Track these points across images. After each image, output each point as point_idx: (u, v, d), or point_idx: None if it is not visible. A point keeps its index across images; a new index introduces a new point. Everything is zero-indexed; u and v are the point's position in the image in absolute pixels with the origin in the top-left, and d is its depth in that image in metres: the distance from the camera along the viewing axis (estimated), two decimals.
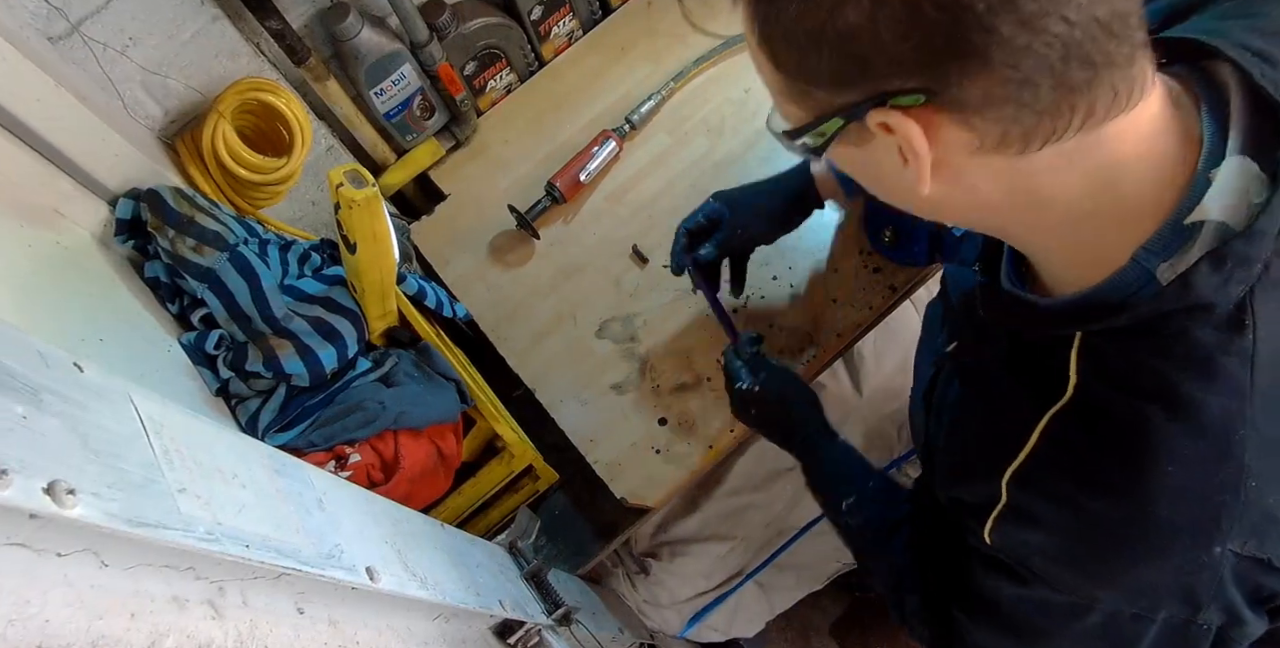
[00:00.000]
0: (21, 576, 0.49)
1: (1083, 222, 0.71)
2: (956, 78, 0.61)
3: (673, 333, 1.59)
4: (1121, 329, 0.72)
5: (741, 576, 2.00)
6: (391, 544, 0.93)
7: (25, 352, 0.55)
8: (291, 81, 1.50)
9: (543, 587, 1.31)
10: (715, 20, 1.80)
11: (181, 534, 0.57)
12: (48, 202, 1.19)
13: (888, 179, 0.76)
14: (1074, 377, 0.76)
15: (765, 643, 2.35)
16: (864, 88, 0.65)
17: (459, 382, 1.45)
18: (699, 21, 1.81)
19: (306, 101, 1.51)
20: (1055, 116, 0.63)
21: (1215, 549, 0.72)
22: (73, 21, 1.19)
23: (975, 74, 0.60)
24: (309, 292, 1.33)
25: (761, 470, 1.89)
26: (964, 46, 0.59)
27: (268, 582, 0.72)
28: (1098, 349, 0.74)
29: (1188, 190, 0.67)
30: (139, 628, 0.57)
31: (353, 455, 1.31)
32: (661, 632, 2.00)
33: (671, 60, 1.79)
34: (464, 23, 1.62)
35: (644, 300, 1.62)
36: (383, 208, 1.18)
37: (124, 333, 1.18)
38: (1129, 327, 0.71)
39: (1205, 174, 0.67)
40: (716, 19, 1.80)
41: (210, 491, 0.65)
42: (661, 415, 1.54)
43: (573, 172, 1.68)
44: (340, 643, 0.80)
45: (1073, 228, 0.72)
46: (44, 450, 0.50)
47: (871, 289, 1.56)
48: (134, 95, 1.32)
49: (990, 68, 0.60)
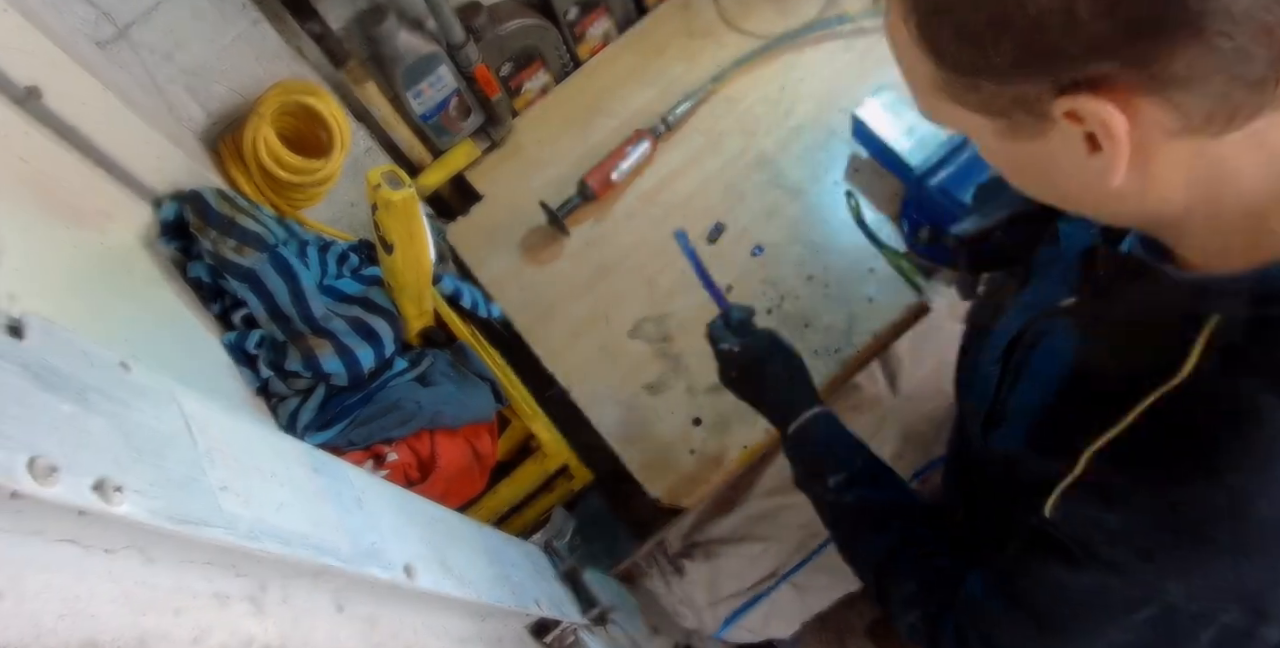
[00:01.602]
0: (71, 571, 0.50)
1: (1258, 211, 0.67)
2: (1166, 51, 0.56)
3: None
4: (1269, 319, 0.68)
5: (776, 577, 1.99)
6: (429, 543, 0.94)
7: (72, 351, 0.56)
8: (331, 84, 1.51)
9: (578, 586, 1.32)
10: (750, 19, 1.80)
11: (223, 532, 0.58)
12: (93, 204, 1.20)
13: (1065, 174, 0.71)
14: (1195, 359, 0.71)
15: (800, 645, 2.35)
16: (1054, 75, 0.61)
17: (494, 381, 1.46)
18: (735, 21, 1.81)
19: (345, 103, 1.53)
20: (1263, 89, 0.58)
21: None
22: (120, 26, 1.21)
23: (1187, 45, 0.55)
24: (347, 292, 1.34)
25: None
26: (1177, 15, 0.54)
27: (308, 579, 0.73)
28: (1233, 335, 0.70)
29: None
30: (183, 624, 0.58)
31: (390, 455, 1.32)
32: (698, 632, 2.00)
33: (707, 60, 1.79)
34: (500, 24, 1.63)
35: (678, 300, 1.62)
36: (419, 209, 1.19)
37: (167, 333, 1.20)
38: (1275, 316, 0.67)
39: None
40: (752, 18, 1.80)
41: (251, 489, 0.65)
42: (696, 416, 1.54)
43: (605, 170, 1.68)
44: (378, 641, 0.81)
45: (1245, 217, 0.68)
46: (91, 448, 0.51)
47: (907, 289, 1.55)
48: (178, 98, 1.34)
49: (1204, 37, 0.54)
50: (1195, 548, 0.74)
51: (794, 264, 1.58)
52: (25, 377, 0.50)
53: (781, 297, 1.58)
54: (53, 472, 0.46)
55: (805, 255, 1.59)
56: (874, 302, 1.55)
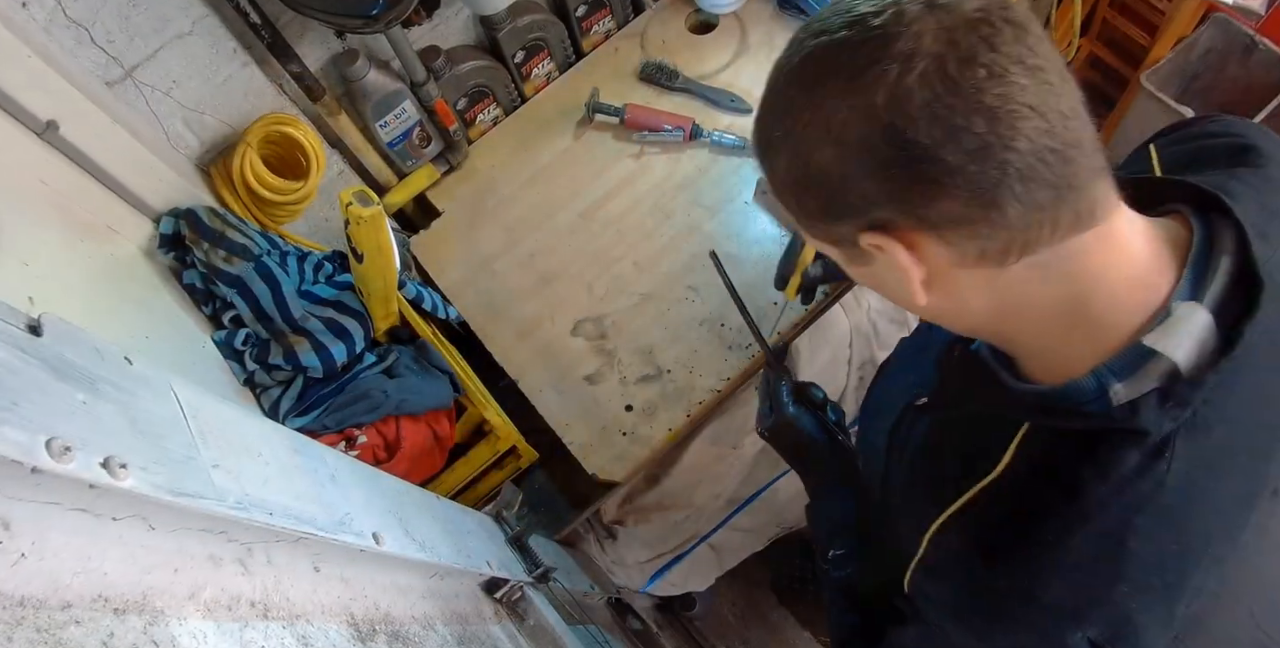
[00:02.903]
0: (84, 536, 0.51)
1: (1057, 331, 0.69)
2: (922, 202, 0.61)
3: (637, 331, 1.61)
4: (1067, 431, 0.70)
5: (695, 539, 2.01)
6: (394, 513, 0.95)
7: (84, 347, 0.57)
8: (308, 116, 1.50)
9: (524, 550, 1.32)
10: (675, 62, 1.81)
11: (215, 503, 0.59)
12: (103, 220, 1.20)
13: (892, 291, 0.74)
14: (1008, 458, 0.74)
15: (715, 595, 2.38)
16: (851, 218, 0.65)
17: (452, 374, 1.46)
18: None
19: (321, 133, 1.52)
20: (1024, 231, 0.61)
21: (1078, 634, 0.71)
22: (127, 68, 1.21)
23: (937, 198, 0.60)
24: (322, 296, 1.34)
25: (714, 450, 1.91)
26: (919, 175, 0.59)
27: (289, 544, 0.73)
28: (1037, 441, 0.73)
29: (1155, 321, 0.65)
30: (181, 581, 0.58)
31: (360, 437, 1.32)
32: (627, 587, 2.02)
33: (637, 98, 1.80)
34: (457, 65, 1.63)
35: (612, 303, 1.63)
36: (386, 224, 1.19)
37: (166, 331, 1.19)
38: (1075, 430, 0.69)
39: (1173, 310, 0.65)
40: (677, 62, 1.81)
41: (239, 466, 0.66)
42: (628, 403, 1.56)
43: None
44: (351, 596, 0.82)
45: (1048, 336, 0.71)
46: (101, 431, 0.51)
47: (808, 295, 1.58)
48: (175, 129, 1.33)
49: (947, 192, 0.59)
50: (993, 621, 0.77)
51: (713, 271, 1.59)
52: (44, 369, 0.50)
53: (702, 299, 1.60)
54: (67, 451, 0.47)
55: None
56: (778, 305, 1.57)
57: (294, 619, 0.70)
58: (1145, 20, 2.17)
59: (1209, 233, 0.67)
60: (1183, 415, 0.65)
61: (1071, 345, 0.69)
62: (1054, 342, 0.70)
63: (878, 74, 0.57)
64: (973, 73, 0.56)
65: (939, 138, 0.57)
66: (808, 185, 0.65)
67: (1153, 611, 0.70)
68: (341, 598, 0.80)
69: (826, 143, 0.61)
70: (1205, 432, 0.66)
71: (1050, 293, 0.67)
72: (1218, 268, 0.65)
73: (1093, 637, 0.71)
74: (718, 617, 2.41)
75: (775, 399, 1.17)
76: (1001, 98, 0.56)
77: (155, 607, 0.55)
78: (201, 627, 0.58)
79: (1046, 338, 0.70)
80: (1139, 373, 0.65)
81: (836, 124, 0.60)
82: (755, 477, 1.98)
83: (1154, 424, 0.65)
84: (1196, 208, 0.70)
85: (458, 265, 1.71)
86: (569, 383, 1.59)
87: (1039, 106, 0.57)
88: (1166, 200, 0.72)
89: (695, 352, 1.58)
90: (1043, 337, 0.71)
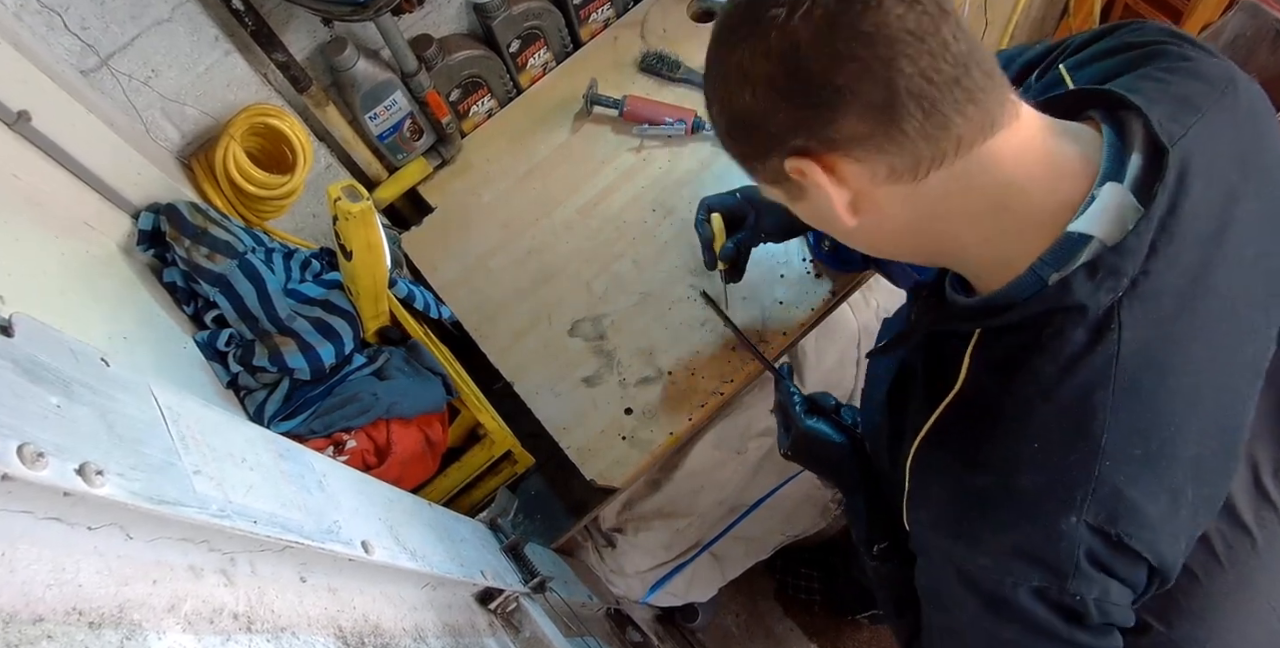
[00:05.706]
0: (58, 546, 0.50)
1: (989, 238, 0.75)
2: (823, 125, 0.69)
3: (637, 332, 1.60)
4: (1011, 326, 0.75)
5: (697, 547, 2.01)
6: (384, 521, 0.94)
7: (58, 348, 0.56)
8: (295, 107, 1.50)
9: (520, 559, 1.32)
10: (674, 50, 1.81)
11: (197, 511, 0.58)
12: (79, 215, 1.19)
13: (827, 219, 0.81)
14: (965, 370, 0.80)
15: (717, 606, 2.37)
16: (776, 151, 0.74)
17: (445, 376, 1.46)
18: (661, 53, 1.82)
19: (308, 125, 1.52)
20: (929, 145, 0.69)
21: (1071, 518, 0.74)
22: (102, 56, 1.20)
23: (834, 120, 0.69)
24: (310, 295, 1.33)
25: (717, 454, 1.91)
26: (817, 101, 0.68)
27: (274, 553, 0.73)
28: (988, 344, 0.79)
29: (1080, 209, 0.71)
30: (160, 593, 0.58)
31: (349, 442, 1.31)
32: (626, 598, 2.02)
33: (636, 89, 1.80)
34: (449, 55, 1.63)
35: (612, 303, 1.63)
36: (376, 220, 1.19)
37: (145, 332, 1.18)
38: (1016, 323, 0.75)
39: (1096, 195, 0.71)
40: (678, 52, 1.81)
41: (222, 472, 0.66)
42: (628, 406, 1.55)
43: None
44: (339, 608, 0.81)
45: (982, 245, 0.76)
46: (75, 436, 0.51)
47: (813, 293, 1.58)
48: (155, 120, 1.33)
49: (842, 113, 0.68)
50: (984, 522, 0.79)
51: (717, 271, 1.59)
52: (15, 371, 0.50)
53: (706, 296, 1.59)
54: (40, 457, 0.46)
55: None
56: (784, 304, 1.57)
57: (279, 632, 0.69)
58: (1169, 5, 2.15)
59: (1120, 127, 0.75)
60: (1119, 286, 0.70)
61: (1008, 251, 0.75)
62: (991, 250, 0.76)
63: (770, 18, 0.67)
64: (849, 6, 0.65)
65: (826, 64, 0.66)
66: (739, 128, 0.76)
67: (1142, 483, 0.74)
68: (329, 610, 0.79)
69: (745, 86, 0.71)
70: (1153, 302, 0.72)
71: (973, 202, 0.74)
72: (1132, 152, 0.72)
73: (1090, 521, 0.74)
74: (721, 629, 2.41)
75: (790, 417, 1.23)
76: (876, 25, 0.65)
77: (133, 620, 0.54)
78: (181, 640, 0.57)
79: (984, 247, 0.77)
80: (1073, 259, 0.71)
81: (747, 68, 0.70)
82: (760, 483, 1.98)
83: (1089, 297, 0.70)
84: (1107, 109, 0.78)
85: (451, 263, 1.71)
86: (566, 385, 1.58)
87: (917, 31, 0.65)
88: (1081, 111, 0.80)
89: (698, 353, 1.57)
90: (979, 246, 0.77)
